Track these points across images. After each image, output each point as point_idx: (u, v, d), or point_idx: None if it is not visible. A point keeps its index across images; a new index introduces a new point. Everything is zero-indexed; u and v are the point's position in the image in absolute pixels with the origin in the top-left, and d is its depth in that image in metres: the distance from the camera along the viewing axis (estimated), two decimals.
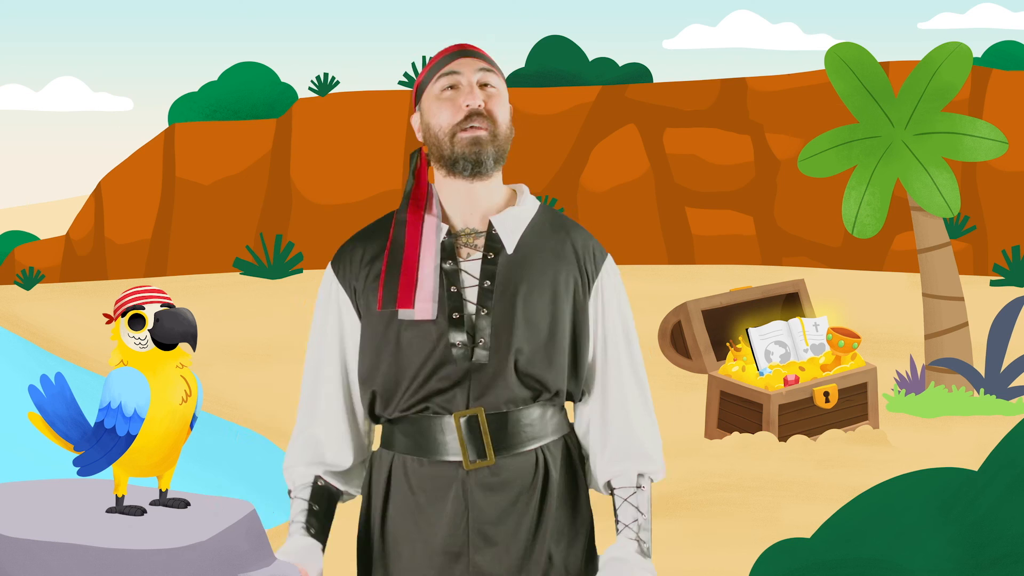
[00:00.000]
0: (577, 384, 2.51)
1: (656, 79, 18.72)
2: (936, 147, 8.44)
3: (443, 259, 2.45)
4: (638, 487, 2.51)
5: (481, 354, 2.40)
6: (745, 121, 17.61)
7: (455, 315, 2.41)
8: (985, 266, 16.34)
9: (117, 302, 3.33)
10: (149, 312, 3.25)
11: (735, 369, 7.50)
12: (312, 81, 18.96)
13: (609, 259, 2.53)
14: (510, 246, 2.45)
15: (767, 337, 7.49)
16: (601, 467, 2.53)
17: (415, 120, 2.51)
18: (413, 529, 2.46)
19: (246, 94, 19.03)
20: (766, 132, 17.48)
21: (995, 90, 16.63)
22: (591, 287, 2.50)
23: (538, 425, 2.45)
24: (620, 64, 19.01)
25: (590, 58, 19.02)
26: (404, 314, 2.41)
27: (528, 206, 2.51)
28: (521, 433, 2.44)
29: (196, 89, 19.21)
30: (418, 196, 2.49)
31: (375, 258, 2.48)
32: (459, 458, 2.42)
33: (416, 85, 2.53)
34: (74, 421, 3.39)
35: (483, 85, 2.46)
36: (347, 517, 2.76)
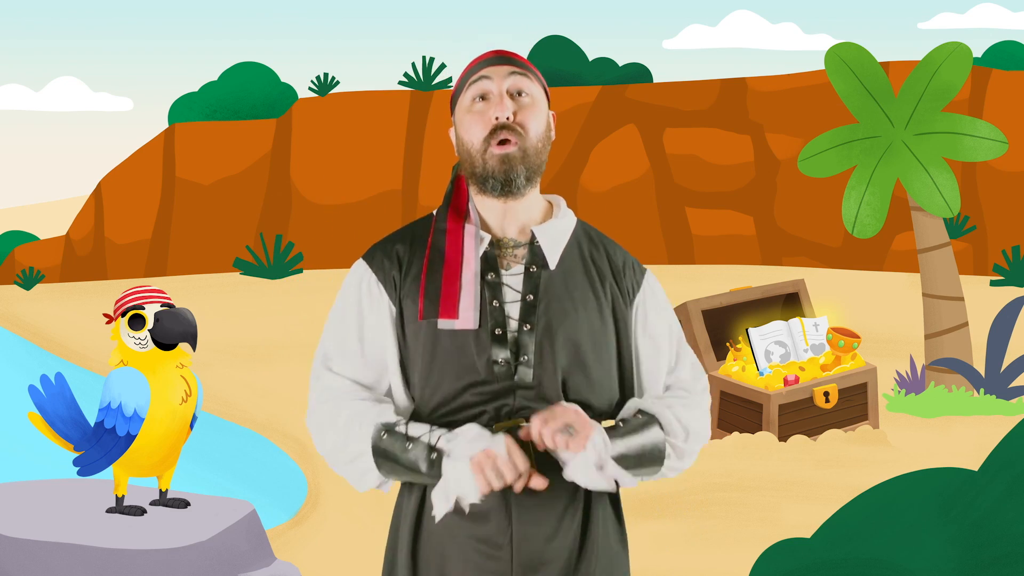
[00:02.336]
0: (622, 400, 2.42)
1: (656, 79, 18.72)
2: (936, 147, 8.44)
3: (484, 271, 2.33)
4: (636, 415, 2.38)
5: (525, 372, 2.30)
6: (745, 121, 17.61)
7: (497, 331, 2.31)
8: (985, 266, 16.33)
9: (117, 302, 3.34)
10: (149, 312, 3.25)
11: (735, 369, 7.50)
12: (312, 81, 18.96)
13: (649, 274, 2.47)
14: (552, 260, 2.36)
15: (767, 337, 7.49)
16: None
17: (452, 133, 2.42)
18: (450, 551, 2.33)
19: (246, 94, 19.03)
20: (766, 132, 17.47)
21: (995, 90, 16.63)
22: (633, 302, 2.42)
23: None
24: (620, 64, 19.00)
25: (590, 58, 19.01)
26: (445, 324, 2.29)
27: (568, 219, 2.42)
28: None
29: (196, 89, 19.22)
30: (458, 205, 2.39)
31: (415, 263, 2.37)
32: None
33: (451, 95, 2.43)
34: (74, 421, 3.39)
35: (516, 93, 2.35)
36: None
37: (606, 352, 2.37)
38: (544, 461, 2.30)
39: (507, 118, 2.32)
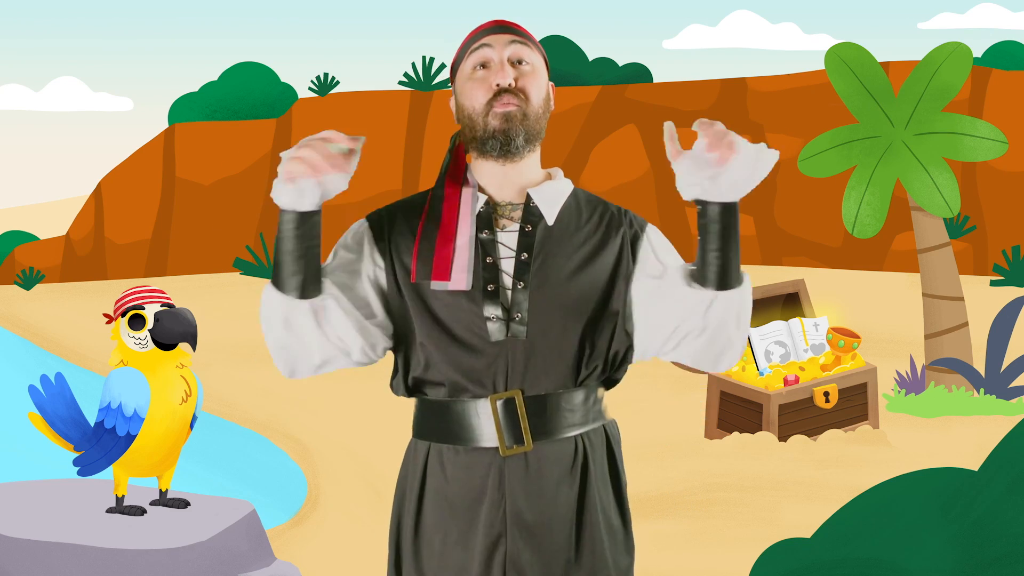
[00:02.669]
0: (629, 344, 2.38)
1: (656, 79, 18.71)
2: (936, 147, 8.44)
3: (479, 228, 2.34)
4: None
5: (518, 329, 2.30)
6: (745, 121, 17.61)
7: (490, 287, 2.31)
8: (985, 266, 16.33)
9: (117, 302, 3.34)
10: (149, 312, 3.26)
11: (735, 369, 7.50)
12: (312, 81, 18.96)
13: (651, 225, 2.46)
14: (550, 218, 2.36)
15: (767, 337, 7.49)
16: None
17: (451, 102, 2.42)
18: (449, 519, 2.35)
19: (246, 94, 19.03)
20: (766, 132, 17.47)
21: (995, 90, 16.62)
22: (638, 243, 2.41)
23: (579, 411, 2.35)
24: (620, 64, 19.00)
25: (590, 58, 19.01)
26: (437, 285, 2.30)
27: (565, 183, 2.44)
28: (561, 418, 2.33)
29: (196, 89, 19.22)
30: (455, 172, 2.40)
31: (413, 227, 2.38)
32: (495, 444, 2.30)
33: (451, 65, 2.44)
34: (74, 421, 3.39)
35: (517, 62, 2.36)
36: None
37: (606, 309, 2.36)
38: (537, 433, 2.31)
39: (508, 84, 2.33)
